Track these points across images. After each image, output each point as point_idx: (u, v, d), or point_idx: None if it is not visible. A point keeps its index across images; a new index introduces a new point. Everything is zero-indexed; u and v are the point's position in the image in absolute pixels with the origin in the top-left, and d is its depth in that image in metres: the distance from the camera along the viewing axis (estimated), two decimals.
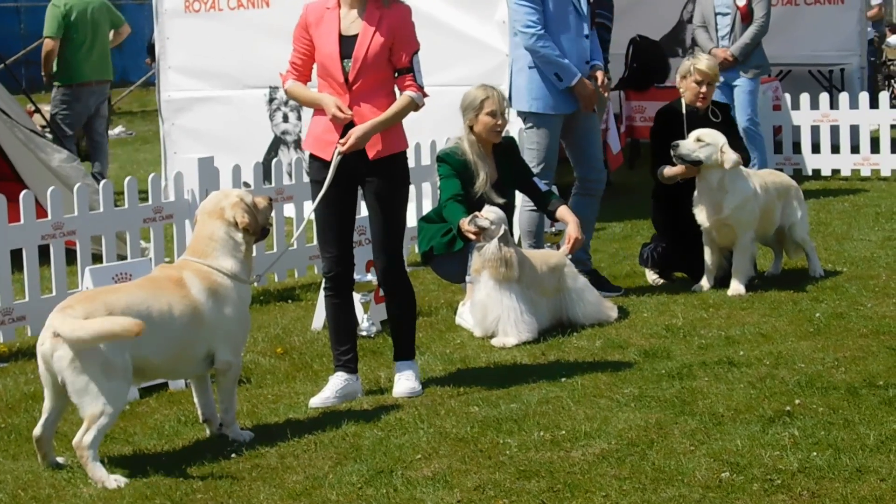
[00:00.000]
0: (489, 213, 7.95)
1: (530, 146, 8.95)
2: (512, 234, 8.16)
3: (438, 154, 8.46)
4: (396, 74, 6.74)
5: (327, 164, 6.70)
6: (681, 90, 9.24)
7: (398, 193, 6.86)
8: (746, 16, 12.33)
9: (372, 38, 6.65)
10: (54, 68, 13.58)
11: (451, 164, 8.24)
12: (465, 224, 7.84)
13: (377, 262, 6.94)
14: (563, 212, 8.29)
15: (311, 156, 6.87)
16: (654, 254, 9.24)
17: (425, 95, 6.80)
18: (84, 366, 5.69)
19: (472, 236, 7.87)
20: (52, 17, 13.53)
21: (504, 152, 8.40)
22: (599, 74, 9.00)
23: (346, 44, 6.69)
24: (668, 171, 8.97)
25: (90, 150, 14.10)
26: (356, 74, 6.66)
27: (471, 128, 8.30)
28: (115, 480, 5.67)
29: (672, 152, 8.81)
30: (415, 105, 6.76)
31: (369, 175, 6.75)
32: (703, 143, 8.75)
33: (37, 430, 5.93)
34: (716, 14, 12.41)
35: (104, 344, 5.69)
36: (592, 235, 9.30)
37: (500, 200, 8.19)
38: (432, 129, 10.03)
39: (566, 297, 8.20)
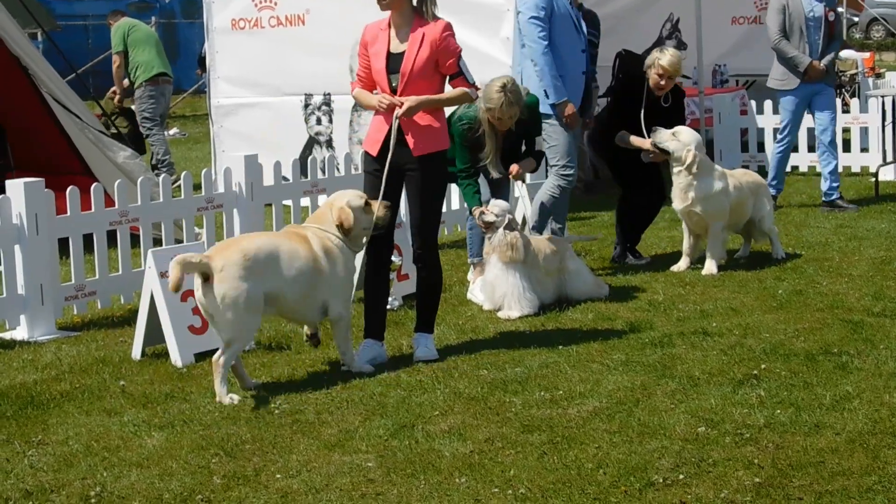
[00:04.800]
0: (494, 208, 7.92)
1: (552, 143, 8.95)
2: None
3: (458, 115, 8.11)
4: (449, 79, 6.74)
5: (374, 158, 6.78)
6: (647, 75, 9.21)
7: (435, 186, 6.83)
8: (832, 32, 11.36)
9: (417, 54, 6.63)
10: (125, 82, 14.37)
11: (467, 119, 8.01)
12: (476, 218, 7.91)
13: (413, 244, 6.93)
14: (525, 163, 8.31)
15: (365, 152, 6.92)
16: (620, 249, 9.31)
17: (477, 89, 6.88)
18: (226, 304, 6.13)
19: (484, 229, 7.91)
20: (116, 36, 14.40)
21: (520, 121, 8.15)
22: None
23: (394, 60, 6.69)
24: (634, 140, 9.03)
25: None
26: (403, 87, 6.66)
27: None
28: (230, 398, 6.10)
29: (650, 135, 8.87)
30: (468, 97, 6.85)
31: (412, 169, 6.73)
32: (676, 138, 8.78)
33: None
34: (808, 29, 11.26)
35: (246, 283, 6.13)
36: (566, 219, 9.25)
37: (496, 175, 8.10)
38: None
39: (566, 276, 8.18)
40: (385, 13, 6.80)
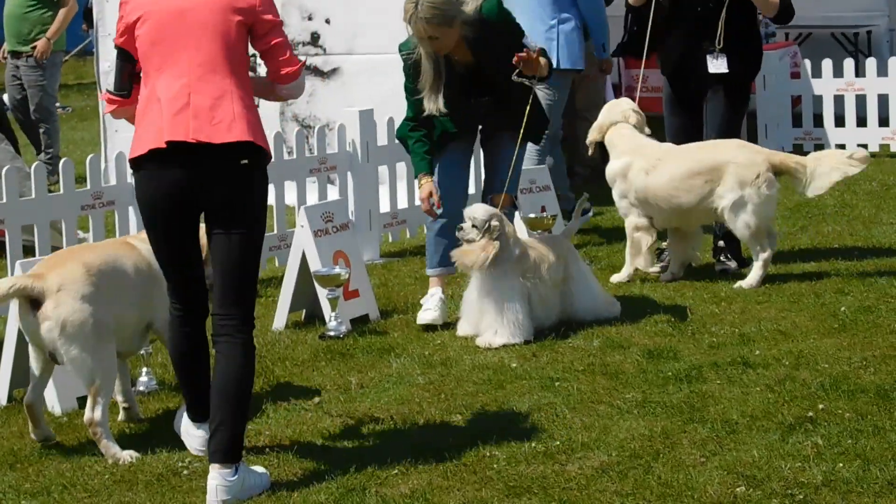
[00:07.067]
0: (474, 214, 7.83)
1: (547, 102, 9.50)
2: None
3: (399, 44, 8.15)
4: None
5: None
6: None
7: None
8: None
9: None
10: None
11: (406, 49, 8.02)
12: (423, 203, 8.10)
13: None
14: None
15: None
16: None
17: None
18: (69, 334, 6.07)
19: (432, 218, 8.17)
20: None
21: (484, 37, 7.89)
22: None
23: None
24: None
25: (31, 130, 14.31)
26: None
27: None
28: (130, 455, 6.12)
29: None
30: None
31: None
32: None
33: (27, 397, 6.29)
34: None
35: (93, 305, 6.09)
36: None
37: (437, 111, 7.93)
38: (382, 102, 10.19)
39: (569, 287, 8.16)
40: None
